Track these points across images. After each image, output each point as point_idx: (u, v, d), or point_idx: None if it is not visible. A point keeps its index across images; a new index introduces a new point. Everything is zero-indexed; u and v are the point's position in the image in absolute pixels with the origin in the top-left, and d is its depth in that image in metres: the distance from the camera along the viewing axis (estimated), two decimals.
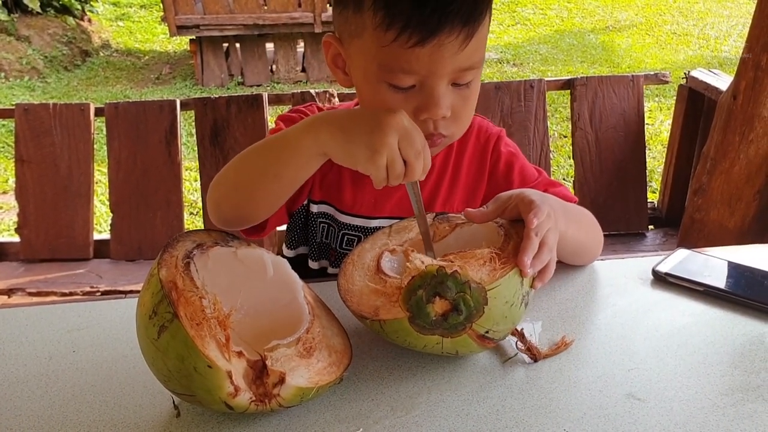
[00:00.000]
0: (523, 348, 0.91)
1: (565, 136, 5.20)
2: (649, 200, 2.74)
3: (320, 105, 1.17)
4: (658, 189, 3.63)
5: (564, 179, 4.53)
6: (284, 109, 5.34)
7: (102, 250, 2.58)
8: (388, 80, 0.94)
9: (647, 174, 2.70)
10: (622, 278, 1.11)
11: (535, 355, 0.90)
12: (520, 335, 0.91)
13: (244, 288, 0.91)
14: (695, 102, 2.68)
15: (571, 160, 4.74)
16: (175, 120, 2.55)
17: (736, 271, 1.09)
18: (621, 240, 2.54)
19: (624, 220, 2.62)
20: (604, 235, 1.16)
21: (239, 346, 0.81)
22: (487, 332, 0.84)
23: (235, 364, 0.77)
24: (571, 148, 4.79)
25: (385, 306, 0.87)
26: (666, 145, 5.02)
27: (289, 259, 1.20)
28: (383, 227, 1.04)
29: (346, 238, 1.17)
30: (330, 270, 1.19)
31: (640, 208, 2.66)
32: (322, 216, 1.16)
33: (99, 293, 2.28)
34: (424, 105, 0.95)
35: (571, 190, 4.39)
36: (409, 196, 0.93)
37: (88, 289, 2.28)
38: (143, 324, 0.80)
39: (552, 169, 3.76)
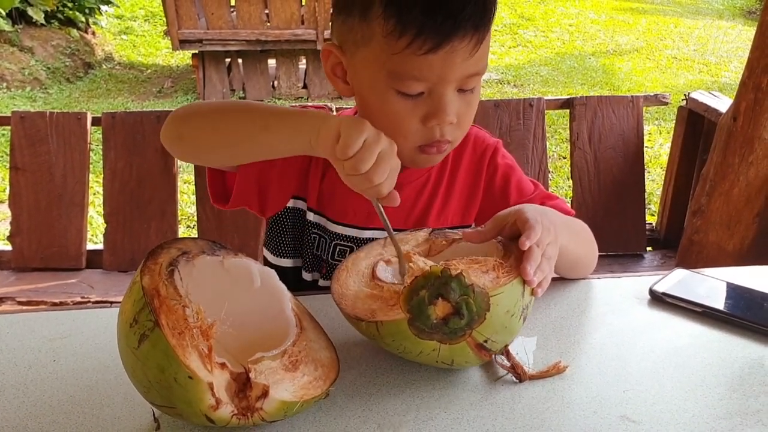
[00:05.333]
0: (507, 366, 0.89)
1: (564, 158, 5.18)
2: (647, 222, 2.73)
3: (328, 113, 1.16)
4: (657, 211, 3.62)
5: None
6: None
7: (95, 260, 2.56)
8: (397, 87, 0.94)
9: (646, 196, 2.68)
10: (619, 297, 1.09)
11: (519, 375, 0.88)
12: (506, 352, 0.89)
13: (229, 298, 0.88)
14: (695, 124, 2.67)
15: (570, 182, 4.74)
16: None
17: (734, 292, 1.07)
18: (618, 261, 2.52)
19: (622, 241, 2.60)
20: (602, 256, 1.15)
21: (222, 357, 0.79)
22: (485, 341, 0.82)
23: (218, 376, 0.75)
24: (569, 169, 4.80)
25: (383, 309, 0.85)
26: (665, 168, 5.03)
27: (280, 269, 1.18)
28: (377, 239, 1.02)
29: (338, 249, 1.14)
30: (321, 282, 1.17)
31: (638, 230, 2.64)
32: (315, 226, 1.14)
33: (90, 303, 2.25)
34: (433, 111, 0.95)
35: None
36: (379, 216, 0.91)
37: (78, 299, 2.26)
38: (124, 332, 0.77)
39: (550, 190, 3.74)
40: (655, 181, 4.81)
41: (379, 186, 0.83)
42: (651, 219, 3.66)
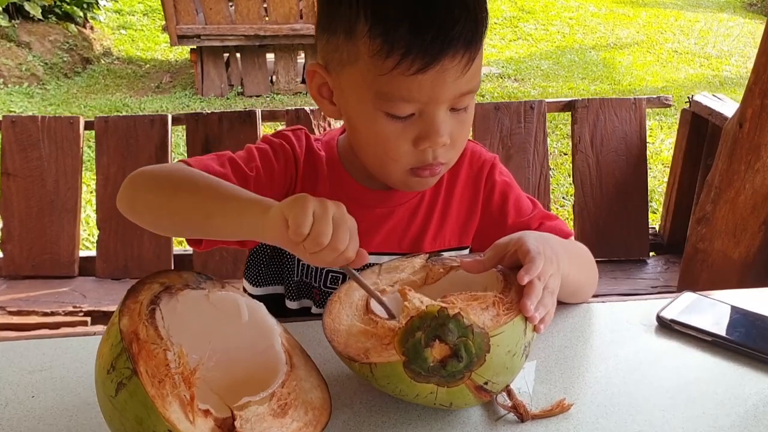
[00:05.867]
0: (508, 405, 0.84)
1: (565, 154, 5.14)
2: (650, 226, 2.68)
3: (308, 133, 1.11)
4: (659, 210, 3.56)
5: (563, 198, 4.47)
6: (278, 126, 5.29)
7: (87, 267, 2.50)
8: (385, 109, 0.90)
9: (648, 194, 2.64)
10: (624, 323, 1.05)
11: (521, 415, 0.83)
12: (508, 391, 0.85)
13: (216, 334, 0.84)
14: (698, 127, 2.62)
15: (571, 179, 4.70)
16: (166, 135, 2.48)
17: (746, 319, 1.02)
18: (621, 267, 2.47)
19: (624, 246, 2.55)
20: (604, 262, 1.12)
21: (207, 402, 0.75)
22: (485, 383, 0.77)
23: (200, 426, 0.70)
24: (569, 167, 4.75)
25: (376, 348, 0.80)
26: (666, 165, 4.97)
27: (260, 298, 1.13)
28: (371, 265, 0.97)
29: (330, 276, 1.10)
30: (314, 310, 1.12)
31: (641, 234, 2.59)
32: None
33: (82, 313, 2.21)
34: (425, 133, 0.91)
35: (571, 214, 4.28)
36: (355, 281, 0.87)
37: (70, 308, 2.22)
38: (101, 378, 0.73)
39: (551, 189, 3.69)
40: (656, 178, 4.76)
41: (346, 251, 0.76)
42: (653, 217, 3.61)
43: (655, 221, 3.18)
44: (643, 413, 0.85)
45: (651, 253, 2.66)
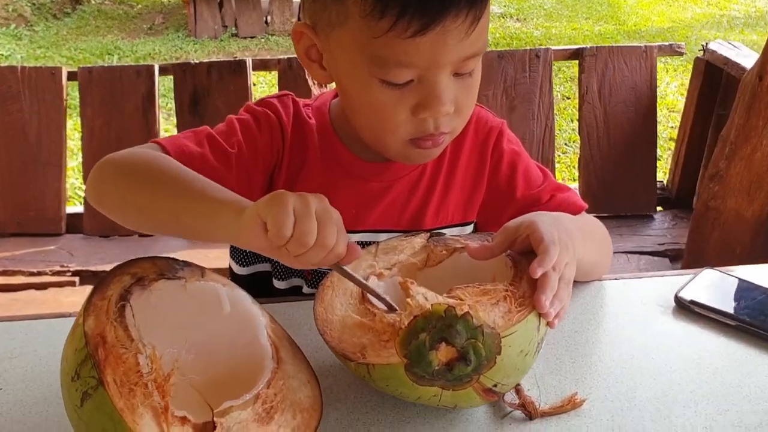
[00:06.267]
0: (516, 404, 0.78)
1: (568, 98, 5.02)
2: (657, 179, 2.60)
3: (296, 99, 1.01)
4: (662, 157, 3.46)
5: (566, 144, 4.37)
6: (269, 76, 5.13)
7: (75, 224, 2.42)
8: (380, 76, 0.80)
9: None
10: (640, 305, 0.97)
11: (530, 412, 0.77)
12: (516, 389, 0.78)
13: (194, 327, 0.77)
14: (712, 76, 2.50)
15: (572, 123, 4.58)
16: (152, 86, 2.38)
17: None
18: (627, 223, 2.38)
19: (631, 201, 2.47)
20: (610, 217, 1.04)
21: (186, 403, 0.68)
22: (495, 386, 0.70)
23: None
24: (572, 110, 4.63)
25: (374, 346, 0.73)
26: (672, 110, 4.85)
27: (246, 278, 1.05)
28: (367, 244, 0.90)
29: None
30: (305, 290, 1.04)
31: (648, 189, 2.51)
32: None
33: (70, 273, 2.15)
34: (425, 102, 0.81)
35: (573, 161, 4.16)
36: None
37: (58, 268, 2.15)
38: (66, 385, 0.66)
39: (555, 134, 3.58)
40: (661, 123, 4.65)
41: (335, 247, 0.69)
42: (660, 165, 3.51)
43: (662, 179, 3.10)
44: (662, 410, 0.78)
45: (658, 208, 2.59)
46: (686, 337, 0.90)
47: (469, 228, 1.04)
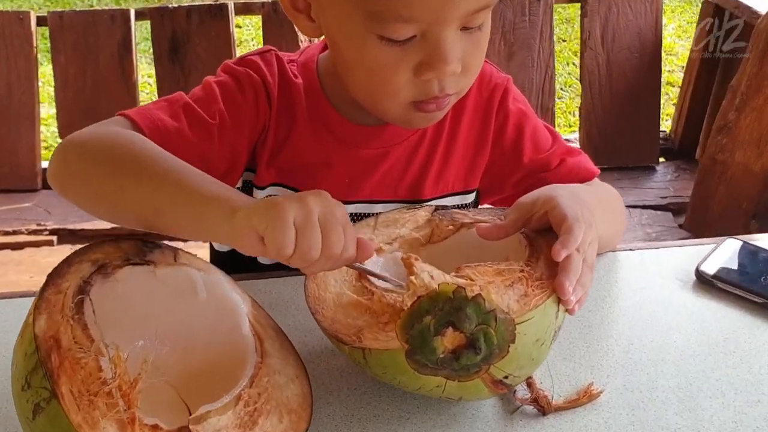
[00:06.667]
0: (528, 399, 0.70)
1: (564, 40, 4.87)
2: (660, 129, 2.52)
3: (279, 55, 0.89)
4: (672, 117, 3.35)
5: (561, 89, 4.26)
6: (253, 20, 4.90)
7: None
8: (378, 32, 0.70)
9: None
10: (658, 278, 0.89)
11: (543, 407, 0.70)
12: (528, 382, 0.71)
13: (166, 317, 0.69)
14: (721, 21, 2.39)
15: (570, 67, 4.45)
16: (128, 32, 2.24)
17: None
18: (628, 175, 2.30)
19: (633, 152, 2.39)
20: (610, 169, 0.97)
21: (159, 402, 0.61)
22: (505, 377, 0.63)
23: None
24: (568, 53, 4.49)
25: (372, 328, 0.66)
26: (669, 53, 4.73)
27: (227, 254, 0.97)
28: (364, 216, 0.81)
29: None
30: None
31: (651, 140, 2.43)
32: None
33: (47, 232, 2.06)
34: (429, 61, 0.71)
35: (569, 107, 4.04)
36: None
37: (34, 227, 2.06)
38: (17, 394, 0.58)
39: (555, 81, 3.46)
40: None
41: (343, 252, 0.61)
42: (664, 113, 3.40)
43: (665, 129, 3.01)
44: (686, 401, 0.71)
45: (660, 159, 2.51)
46: (709, 316, 0.83)
47: (471, 196, 0.95)
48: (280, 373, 0.68)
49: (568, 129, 3.55)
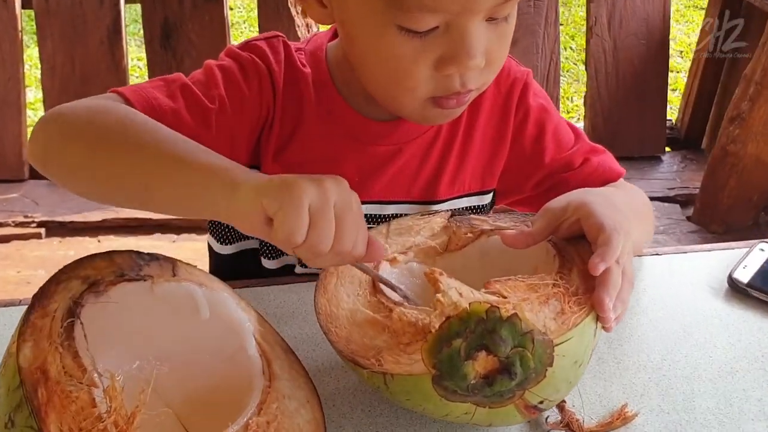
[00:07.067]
0: (560, 423, 0.65)
1: (562, 24, 4.81)
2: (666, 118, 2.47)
3: (287, 42, 0.83)
4: (679, 106, 3.30)
5: (561, 74, 4.20)
6: (249, 4, 4.78)
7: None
8: (399, 22, 0.64)
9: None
10: (688, 286, 0.84)
11: None
12: (560, 406, 0.66)
13: (166, 338, 0.63)
14: (732, 6, 2.33)
15: (566, 52, 4.39)
16: (118, 16, 2.16)
17: None
18: (634, 165, 2.25)
19: (639, 142, 2.34)
20: (616, 159, 0.91)
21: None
22: (541, 402, 0.58)
23: None
24: (567, 37, 4.44)
25: (392, 350, 0.60)
26: (672, 38, 4.68)
27: (229, 257, 0.91)
28: (374, 217, 0.75)
29: None
30: (298, 269, 0.89)
31: (657, 129, 2.38)
32: None
33: (35, 224, 2.00)
34: (452, 54, 0.66)
35: (567, 92, 3.99)
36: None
37: (21, 218, 1.99)
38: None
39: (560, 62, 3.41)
40: None
41: (353, 249, 0.57)
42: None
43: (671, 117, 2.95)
44: (727, 424, 0.66)
45: (666, 148, 2.46)
46: (745, 329, 0.78)
47: (488, 197, 0.90)
48: (290, 397, 0.62)
49: (566, 116, 3.51)
